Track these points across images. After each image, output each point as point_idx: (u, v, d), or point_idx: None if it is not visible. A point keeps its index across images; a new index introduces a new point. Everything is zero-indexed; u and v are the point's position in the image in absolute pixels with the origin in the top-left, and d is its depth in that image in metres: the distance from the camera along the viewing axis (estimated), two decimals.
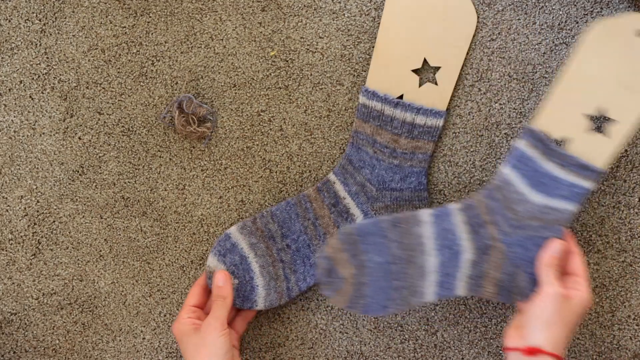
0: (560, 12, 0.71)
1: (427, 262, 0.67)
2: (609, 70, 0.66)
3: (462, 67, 0.72)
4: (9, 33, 0.73)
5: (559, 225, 0.67)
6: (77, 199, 0.75)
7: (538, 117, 0.68)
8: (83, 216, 0.75)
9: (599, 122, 0.67)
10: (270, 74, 0.73)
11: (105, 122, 0.74)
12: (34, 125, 0.74)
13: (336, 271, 0.67)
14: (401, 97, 0.71)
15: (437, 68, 0.70)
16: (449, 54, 0.70)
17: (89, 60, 0.74)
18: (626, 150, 0.72)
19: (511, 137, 0.73)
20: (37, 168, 0.74)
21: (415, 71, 0.71)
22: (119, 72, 0.74)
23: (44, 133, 0.74)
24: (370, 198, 0.73)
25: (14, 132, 0.74)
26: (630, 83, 0.66)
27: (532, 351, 0.61)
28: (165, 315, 0.75)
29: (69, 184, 0.75)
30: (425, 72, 0.71)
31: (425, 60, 0.70)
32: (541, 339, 0.61)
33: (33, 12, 0.73)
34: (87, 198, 0.75)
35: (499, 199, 0.68)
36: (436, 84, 0.71)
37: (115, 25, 0.73)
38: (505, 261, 0.67)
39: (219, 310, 0.68)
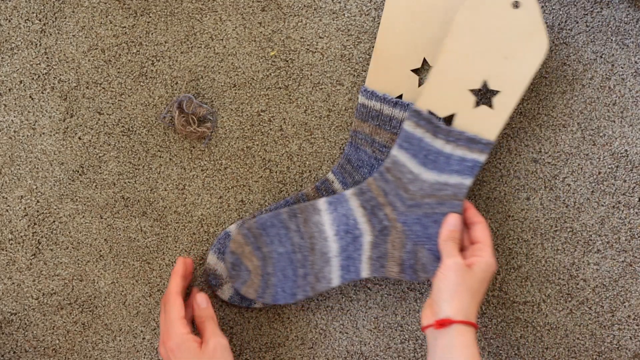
0: (560, 12, 0.71)
1: (329, 247, 0.70)
2: (488, 43, 0.67)
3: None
4: (9, 33, 0.73)
5: (456, 200, 0.68)
6: (77, 199, 0.75)
7: (422, 97, 0.68)
8: (83, 216, 0.75)
9: (483, 95, 0.68)
10: (270, 74, 0.73)
11: (105, 122, 0.74)
12: (34, 125, 0.74)
13: (242, 264, 0.70)
14: (400, 96, 0.71)
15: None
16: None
17: (89, 60, 0.74)
18: (626, 150, 0.72)
19: (511, 137, 0.73)
20: (37, 168, 0.74)
21: (415, 71, 0.71)
22: (119, 72, 0.74)
23: (44, 133, 0.74)
24: None
25: (14, 132, 0.74)
26: (509, 53, 0.66)
27: (442, 323, 0.63)
28: None
29: (69, 184, 0.75)
30: (425, 72, 0.71)
31: (425, 60, 0.70)
32: (449, 310, 0.63)
33: (33, 12, 0.73)
34: (87, 198, 0.75)
35: (391, 180, 0.69)
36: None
37: (115, 25, 0.73)
38: (405, 240, 0.69)
39: (215, 327, 0.68)
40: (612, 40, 0.71)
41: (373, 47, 0.72)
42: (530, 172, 0.73)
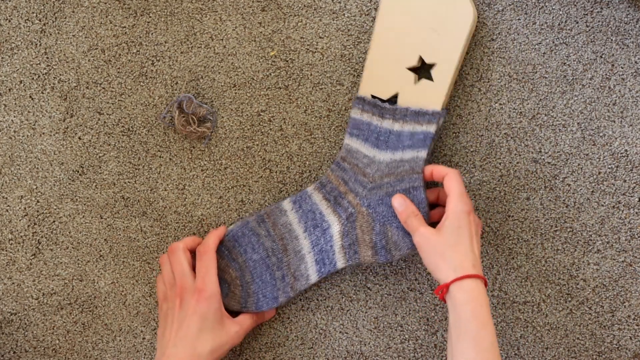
0: (560, 12, 0.71)
1: (301, 245, 0.71)
2: (416, 20, 0.69)
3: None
4: (9, 33, 0.73)
5: (415, 174, 0.69)
6: (77, 199, 0.75)
7: (364, 84, 0.70)
8: (83, 216, 0.75)
9: (422, 70, 0.70)
10: (270, 74, 0.73)
11: (105, 122, 0.74)
12: (34, 125, 0.74)
13: (221, 279, 0.71)
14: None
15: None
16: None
17: (89, 60, 0.74)
18: (626, 150, 0.72)
19: (511, 137, 0.73)
20: (37, 168, 0.74)
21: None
22: (119, 72, 0.74)
23: (44, 133, 0.74)
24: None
25: (14, 132, 0.74)
26: (438, 25, 0.68)
27: (440, 293, 0.62)
28: None
29: (69, 184, 0.75)
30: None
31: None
32: (440, 279, 0.62)
33: (33, 12, 0.73)
34: (87, 198, 0.75)
35: (348, 168, 0.71)
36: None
37: (115, 25, 0.73)
38: (373, 222, 0.70)
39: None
40: (612, 40, 0.71)
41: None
42: (530, 172, 0.73)
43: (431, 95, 0.69)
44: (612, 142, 0.72)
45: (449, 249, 0.63)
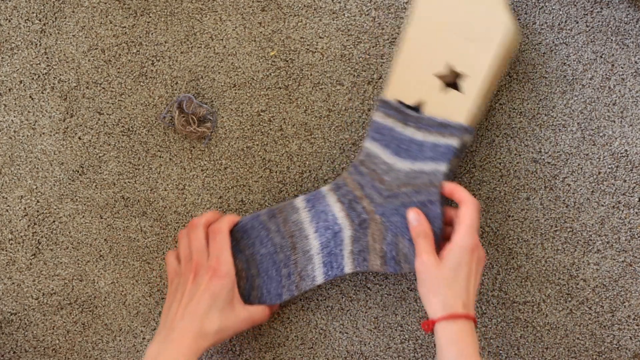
0: (560, 12, 0.71)
1: (310, 245, 0.70)
2: (449, 27, 0.66)
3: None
4: (9, 33, 0.73)
5: (433, 187, 0.66)
6: (77, 199, 0.75)
7: (389, 87, 0.68)
8: (83, 216, 0.75)
9: (450, 79, 0.67)
10: (270, 74, 0.73)
11: (105, 122, 0.74)
12: (34, 125, 0.74)
13: None
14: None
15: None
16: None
17: (89, 60, 0.74)
18: (626, 150, 0.72)
19: (511, 137, 0.73)
20: (37, 168, 0.74)
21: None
22: (119, 72, 0.74)
23: (44, 133, 0.74)
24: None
25: (14, 132, 0.74)
26: (472, 35, 0.65)
27: (426, 326, 0.62)
28: None
29: (69, 184, 0.75)
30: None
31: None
32: (429, 311, 0.62)
33: (33, 12, 0.73)
34: (87, 198, 0.75)
35: (366, 173, 0.69)
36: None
37: (115, 25, 0.73)
38: (385, 231, 0.68)
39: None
40: (612, 40, 0.71)
41: (373, 46, 0.72)
42: (530, 172, 0.73)
43: (458, 107, 0.66)
44: (612, 142, 0.72)
45: (444, 285, 0.62)
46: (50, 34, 0.73)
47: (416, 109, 0.68)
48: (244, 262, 0.70)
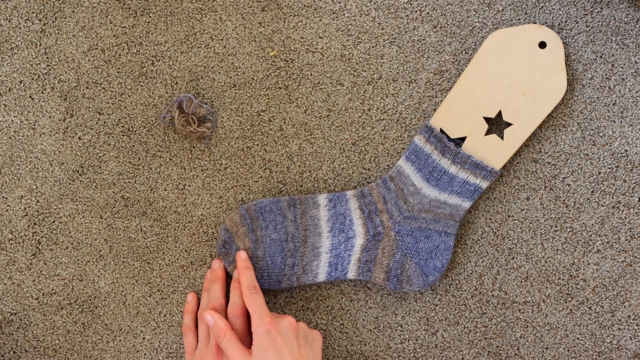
0: (560, 12, 0.71)
1: (321, 243, 0.71)
2: (509, 76, 0.69)
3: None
4: (9, 33, 0.73)
5: (452, 221, 0.70)
6: (77, 199, 0.75)
7: (437, 115, 0.70)
8: (83, 216, 0.75)
9: (496, 125, 0.70)
10: (270, 74, 0.73)
11: (105, 122, 0.74)
12: (34, 125, 0.74)
13: (234, 244, 0.71)
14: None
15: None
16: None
17: (89, 60, 0.74)
18: (626, 150, 0.72)
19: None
20: (37, 168, 0.74)
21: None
22: (119, 72, 0.74)
23: (44, 133, 0.74)
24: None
25: (14, 132, 0.74)
26: (528, 90, 0.68)
27: None
28: (165, 315, 0.75)
29: (69, 184, 0.75)
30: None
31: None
32: None
33: (33, 12, 0.73)
34: (87, 198, 0.75)
35: (393, 189, 0.71)
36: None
37: (115, 25, 0.73)
38: (396, 249, 0.71)
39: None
40: (612, 40, 0.71)
41: (373, 47, 0.72)
42: (530, 172, 0.73)
43: (496, 153, 0.69)
44: (612, 142, 0.72)
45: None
46: (50, 34, 0.73)
47: (457, 142, 0.70)
48: (253, 241, 0.71)
